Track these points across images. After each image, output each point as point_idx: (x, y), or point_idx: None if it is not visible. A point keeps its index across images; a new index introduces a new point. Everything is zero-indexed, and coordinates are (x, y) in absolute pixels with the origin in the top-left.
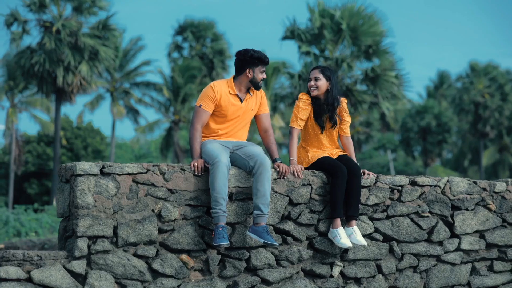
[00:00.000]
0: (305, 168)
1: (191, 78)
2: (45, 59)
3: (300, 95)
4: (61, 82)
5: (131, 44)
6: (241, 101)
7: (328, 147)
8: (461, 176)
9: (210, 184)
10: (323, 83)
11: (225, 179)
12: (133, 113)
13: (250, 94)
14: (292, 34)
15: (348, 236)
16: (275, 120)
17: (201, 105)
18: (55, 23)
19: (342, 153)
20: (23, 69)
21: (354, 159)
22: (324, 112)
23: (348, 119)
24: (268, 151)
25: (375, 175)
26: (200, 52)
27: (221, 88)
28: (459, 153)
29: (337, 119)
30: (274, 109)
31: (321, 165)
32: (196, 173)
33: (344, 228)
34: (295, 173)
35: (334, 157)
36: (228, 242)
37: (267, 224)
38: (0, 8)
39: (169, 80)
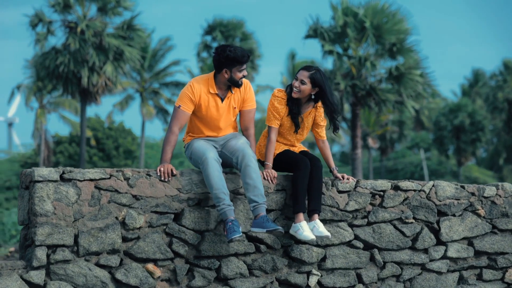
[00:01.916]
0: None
1: None
2: (69, 60)
3: (275, 92)
4: (86, 83)
5: (160, 44)
6: (222, 100)
7: (289, 145)
8: (496, 175)
9: (206, 183)
10: (307, 88)
11: (219, 173)
12: (163, 113)
13: (231, 92)
14: (315, 32)
15: (311, 229)
16: None
17: (180, 106)
18: (80, 23)
19: (303, 149)
20: (48, 70)
21: (332, 162)
22: (301, 112)
23: (323, 123)
24: None
25: (355, 180)
26: None
27: (201, 88)
28: (494, 151)
29: (338, 122)
30: None
31: (283, 158)
32: (162, 179)
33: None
34: (269, 178)
35: (296, 151)
36: (241, 234)
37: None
38: (26, 9)
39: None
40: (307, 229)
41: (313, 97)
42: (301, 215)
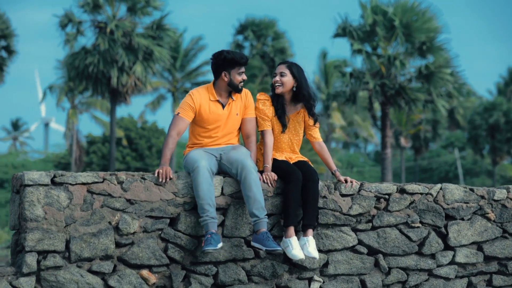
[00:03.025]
0: (260, 172)
1: (251, 78)
2: (99, 60)
3: (258, 96)
4: (115, 83)
5: (192, 43)
6: (223, 107)
7: (287, 151)
8: None
9: (194, 191)
10: (288, 80)
11: (208, 184)
12: None
13: (232, 98)
14: (343, 31)
15: (301, 246)
16: (335, 118)
17: (178, 113)
18: (109, 23)
19: (302, 159)
20: (77, 70)
21: (332, 164)
22: (286, 111)
23: (316, 124)
24: None
25: (359, 183)
26: (261, 51)
27: (201, 96)
28: None
29: (317, 115)
30: (326, 108)
31: (275, 169)
32: (160, 180)
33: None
34: (268, 182)
35: (293, 161)
36: (217, 248)
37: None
38: (56, 10)
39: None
40: (297, 246)
41: (294, 89)
42: (291, 229)
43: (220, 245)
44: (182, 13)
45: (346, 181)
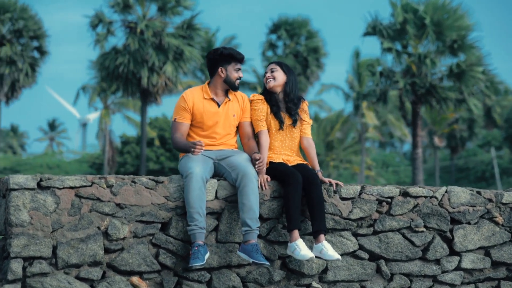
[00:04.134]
0: None
1: None
2: (129, 60)
3: (251, 97)
4: (145, 83)
5: (225, 43)
6: (219, 105)
7: (285, 152)
8: None
9: (185, 198)
10: (280, 75)
11: (200, 192)
12: None
13: (228, 97)
14: (373, 30)
15: (318, 252)
16: (368, 117)
17: (175, 119)
18: (139, 23)
19: (301, 162)
20: (108, 71)
21: (316, 163)
22: (280, 108)
23: (307, 120)
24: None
25: (343, 185)
26: (294, 50)
27: (193, 95)
28: None
29: (298, 118)
30: (356, 107)
31: (273, 172)
32: (198, 151)
33: (313, 245)
34: (261, 184)
35: (291, 164)
36: (204, 263)
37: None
38: (86, 10)
39: (262, 79)
40: (304, 247)
41: (286, 86)
42: (295, 233)
43: (207, 256)
44: (216, 13)
45: (330, 183)
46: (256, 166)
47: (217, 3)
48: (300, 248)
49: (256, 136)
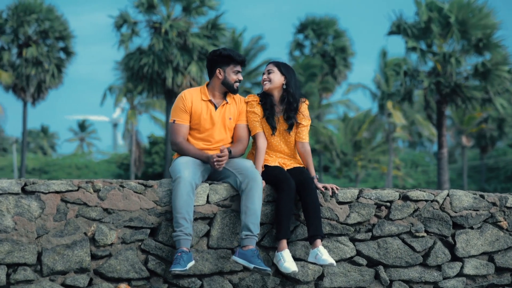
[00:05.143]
0: None
1: (311, 76)
2: (154, 61)
3: (247, 98)
4: (170, 84)
5: (252, 43)
6: (216, 107)
7: (281, 154)
8: None
9: (172, 202)
10: (276, 77)
11: (187, 197)
12: None
13: (226, 100)
14: (398, 29)
15: (313, 258)
16: (396, 117)
17: (174, 121)
18: (164, 23)
19: (298, 165)
20: (132, 71)
21: (312, 168)
22: (275, 112)
23: (305, 122)
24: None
25: (338, 188)
26: (322, 50)
27: (192, 95)
28: None
29: (295, 122)
30: (381, 107)
31: (267, 176)
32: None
33: (310, 250)
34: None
35: (287, 167)
36: (185, 269)
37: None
38: (111, 11)
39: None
40: (289, 259)
41: (284, 86)
42: (283, 242)
43: (190, 264)
44: (243, 13)
45: (326, 188)
46: (215, 159)
47: (245, 4)
48: (285, 260)
49: (253, 138)
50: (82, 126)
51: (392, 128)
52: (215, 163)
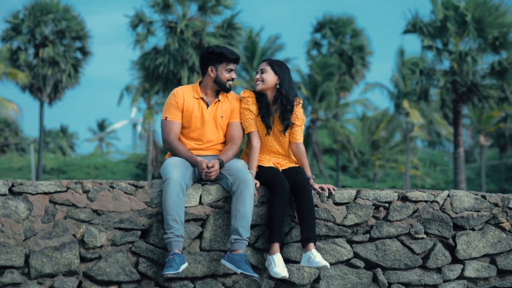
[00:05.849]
0: None
1: (328, 76)
2: (169, 60)
3: (241, 94)
4: (185, 83)
5: (269, 42)
6: (208, 105)
7: (276, 154)
8: None
9: (162, 204)
10: (270, 76)
11: (177, 198)
12: None
13: (218, 98)
14: (413, 27)
15: (306, 261)
16: (413, 116)
17: (166, 118)
18: (179, 23)
19: (294, 165)
20: (148, 71)
21: (307, 169)
22: (271, 111)
23: (298, 122)
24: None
25: (335, 189)
26: (339, 49)
27: (184, 92)
28: None
29: (290, 123)
30: (397, 106)
31: (261, 176)
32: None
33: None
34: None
35: (282, 168)
36: (177, 271)
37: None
38: (127, 10)
39: (306, 79)
40: (281, 264)
41: (277, 86)
42: (276, 246)
43: (183, 266)
44: (260, 13)
45: (322, 189)
46: (204, 171)
47: (262, 3)
48: (275, 264)
49: (247, 136)
50: (101, 126)
51: (410, 127)
52: (204, 175)
